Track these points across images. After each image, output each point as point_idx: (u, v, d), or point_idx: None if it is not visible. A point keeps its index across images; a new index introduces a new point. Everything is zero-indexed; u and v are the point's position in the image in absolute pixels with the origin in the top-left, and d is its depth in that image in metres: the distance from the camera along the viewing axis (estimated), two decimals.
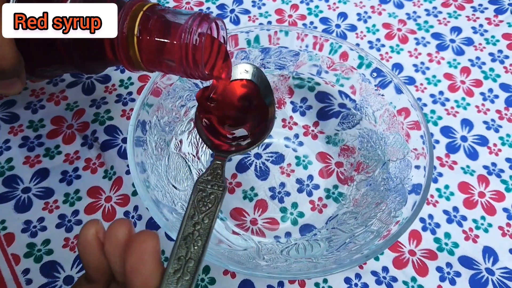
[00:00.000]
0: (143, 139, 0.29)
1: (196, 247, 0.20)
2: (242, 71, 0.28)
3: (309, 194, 0.34)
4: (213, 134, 0.28)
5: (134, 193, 0.34)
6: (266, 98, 0.28)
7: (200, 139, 0.28)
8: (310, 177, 0.35)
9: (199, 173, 0.33)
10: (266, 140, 0.36)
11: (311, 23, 0.45)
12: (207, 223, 0.21)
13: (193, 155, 0.33)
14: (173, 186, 0.30)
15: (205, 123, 0.28)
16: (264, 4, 0.47)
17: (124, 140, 0.36)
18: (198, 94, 0.27)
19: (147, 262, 0.17)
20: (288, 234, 0.32)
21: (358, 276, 0.31)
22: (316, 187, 0.34)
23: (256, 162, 0.35)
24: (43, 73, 0.29)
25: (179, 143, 0.32)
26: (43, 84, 0.40)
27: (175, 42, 0.22)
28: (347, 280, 0.30)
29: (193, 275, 0.18)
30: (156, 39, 0.23)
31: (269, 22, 0.45)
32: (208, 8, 0.46)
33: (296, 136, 0.37)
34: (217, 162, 0.25)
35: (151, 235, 0.17)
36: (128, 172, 0.34)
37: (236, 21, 0.45)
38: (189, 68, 0.23)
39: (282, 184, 0.34)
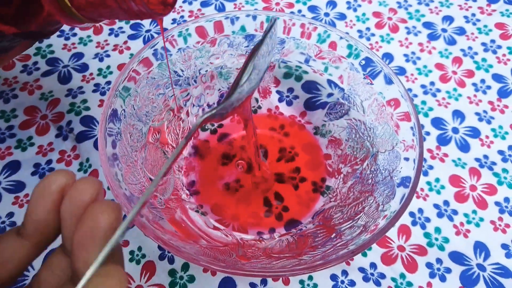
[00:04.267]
0: (117, 129, 0.27)
1: None
2: None
3: (296, 187, 0.32)
4: None
5: None
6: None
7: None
8: (297, 170, 0.33)
9: (178, 166, 0.32)
10: None
11: (299, 11, 0.44)
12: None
13: (173, 147, 0.32)
14: (150, 179, 0.28)
15: None
16: None
17: None
18: None
19: (97, 240, 0.14)
20: (272, 230, 0.30)
21: (344, 273, 0.29)
22: (303, 180, 0.33)
23: (241, 154, 0.34)
24: None
25: (157, 133, 0.31)
26: (16, 73, 0.38)
27: None
28: (333, 277, 0.29)
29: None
30: None
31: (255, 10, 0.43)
32: None
33: (282, 126, 0.35)
34: None
35: (112, 206, 0.14)
36: None
37: (222, 9, 0.44)
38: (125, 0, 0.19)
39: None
